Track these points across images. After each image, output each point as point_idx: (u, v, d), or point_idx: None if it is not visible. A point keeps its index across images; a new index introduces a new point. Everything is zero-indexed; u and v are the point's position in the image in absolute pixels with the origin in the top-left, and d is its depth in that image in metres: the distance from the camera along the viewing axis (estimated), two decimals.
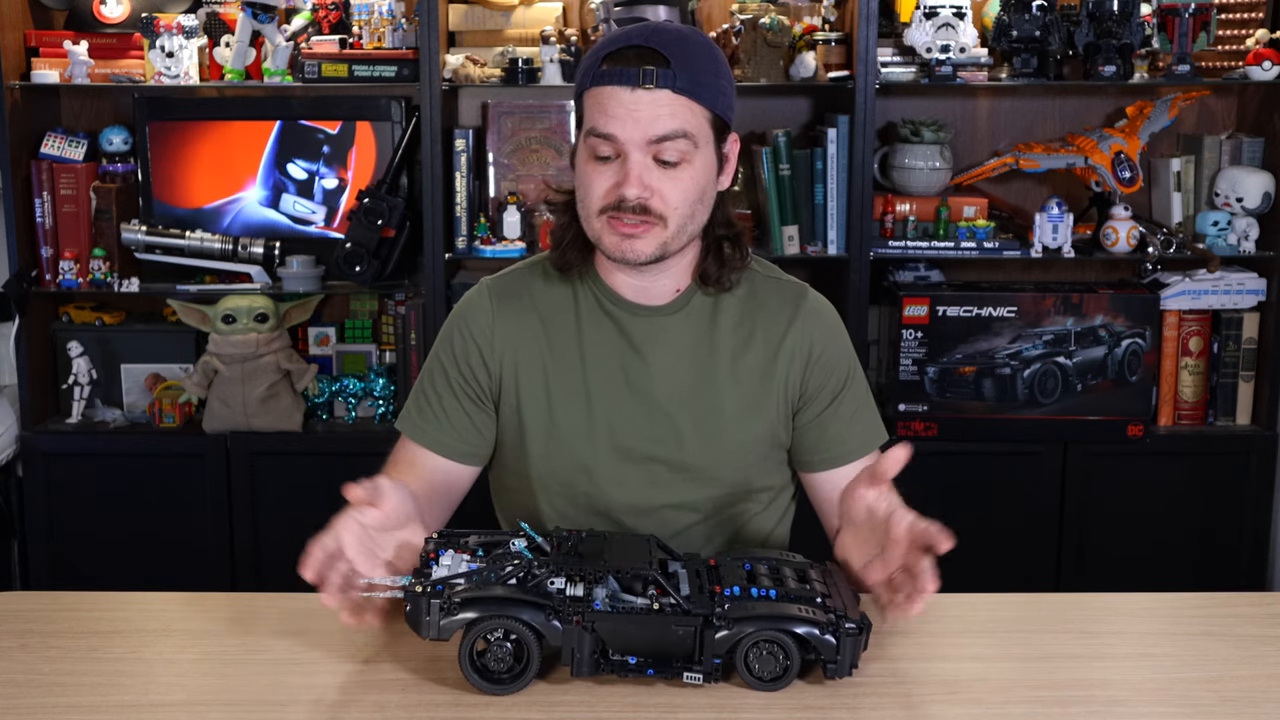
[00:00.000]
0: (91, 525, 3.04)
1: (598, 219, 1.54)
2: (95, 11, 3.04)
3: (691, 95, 1.51)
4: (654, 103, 1.49)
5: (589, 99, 1.53)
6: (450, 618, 1.23)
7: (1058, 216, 2.95)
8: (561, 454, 1.63)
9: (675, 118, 1.50)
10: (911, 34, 2.87)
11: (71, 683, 1.27)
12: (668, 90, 1.50)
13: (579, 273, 1.65)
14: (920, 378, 2.95)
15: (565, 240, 1.64)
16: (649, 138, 1.50)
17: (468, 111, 3.18)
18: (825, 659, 1.24)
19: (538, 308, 1.66)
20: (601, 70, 1.52)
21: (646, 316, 1.64)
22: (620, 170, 1.51)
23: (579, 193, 1.57)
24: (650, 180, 1.51)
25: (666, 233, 1.54)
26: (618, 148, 1.51)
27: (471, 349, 1.66)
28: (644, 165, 1.51)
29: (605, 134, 1.51)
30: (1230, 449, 3.04)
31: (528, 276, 1.70)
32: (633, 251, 1.53)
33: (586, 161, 1.54)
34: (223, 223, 3.12)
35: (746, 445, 1.64)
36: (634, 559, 1.28)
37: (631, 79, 1.49)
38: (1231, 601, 1.49)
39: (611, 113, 1.50)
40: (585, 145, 1.54)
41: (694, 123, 1.52)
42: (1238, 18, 3.03)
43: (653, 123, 1.50)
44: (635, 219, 1.52)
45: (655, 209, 1.52)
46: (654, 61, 1.50)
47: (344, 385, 3.08)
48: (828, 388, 1.66)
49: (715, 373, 1.63)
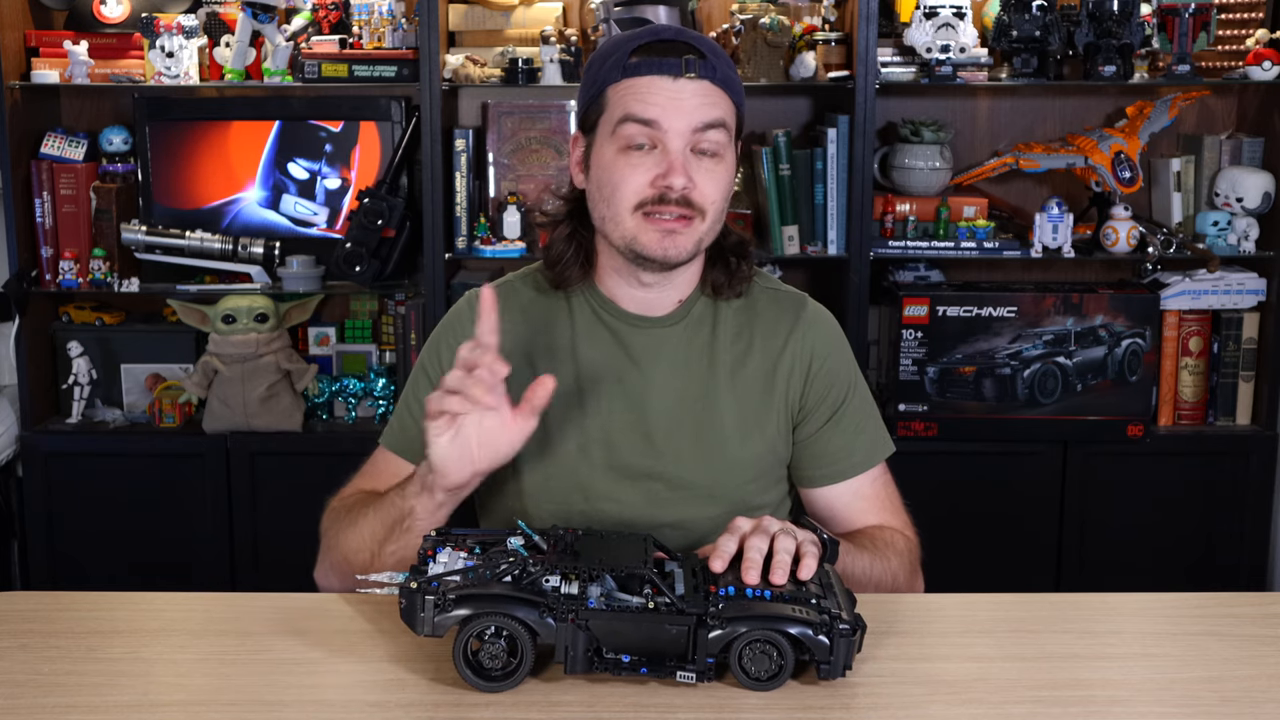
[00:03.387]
0: (91, 525, 3.04)
1: (631, 216, 1.50)
2: (95, 11, 3.04)
3: (726, 89, 1.51)
4: (697, 91, 1.48)
5: (620, 91, 1.50)
6: (444, 614, 1.23)
7: (1058, 216, 2.95)
8: (555, 472, 1.59)
9: (716, 107, 1.49)
10: (911, 34, 2.87)
11: (71, 683, 1.27)
12: (708, 81, 1.49)
13: (575, 285, 1.61)
14: (920, 378, 2.95)
15: (566, 255, 1.59)
16: (694, 125, 1.48)
17: (468, 111, 3.18)
18: (819, 660, 1.24)
19: (530, 320, 1.62)
20: (634, 62, 1.49)
21: (645, 328, 1.60)
22: (661, 161, 1.48)
23: (603, 191, 1.52)
24: (691, 171, 1.49)
25: (703, 228, 1.51)
26: (658, 137, 1.48)
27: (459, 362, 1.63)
28: (686, 155, 1.48)
29: (646, 119, 1.47)
30: (1230, 449, 3.04)
31: (519, 287, 1.65)
32: (675, 249, 1.50)
33: (617, 155, 1.50)
34: (222, 223, 3.12)
35: (747, 461, 1.60)
36: (630, 558, 1.28)
37: (674, 68, 1.48)
38: (1231, 601, 1.49)
39: (653, 100, 1.48)
40: (614, 137, 1.50)
41: (729, 114, 1.51)
42: (1238, 18, 3.03)
43: (696, 110, 1.48)
44: (677, 212, 1.48)
45: (696, 202, 1.49)
46: (693, 52, 1.49)
47: (344, 385, 3.08)
48: (828, 400, 1.63)
49: (714, 386, 1.60)
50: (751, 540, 1.30)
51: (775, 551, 1.29)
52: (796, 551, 1.31)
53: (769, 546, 1.30)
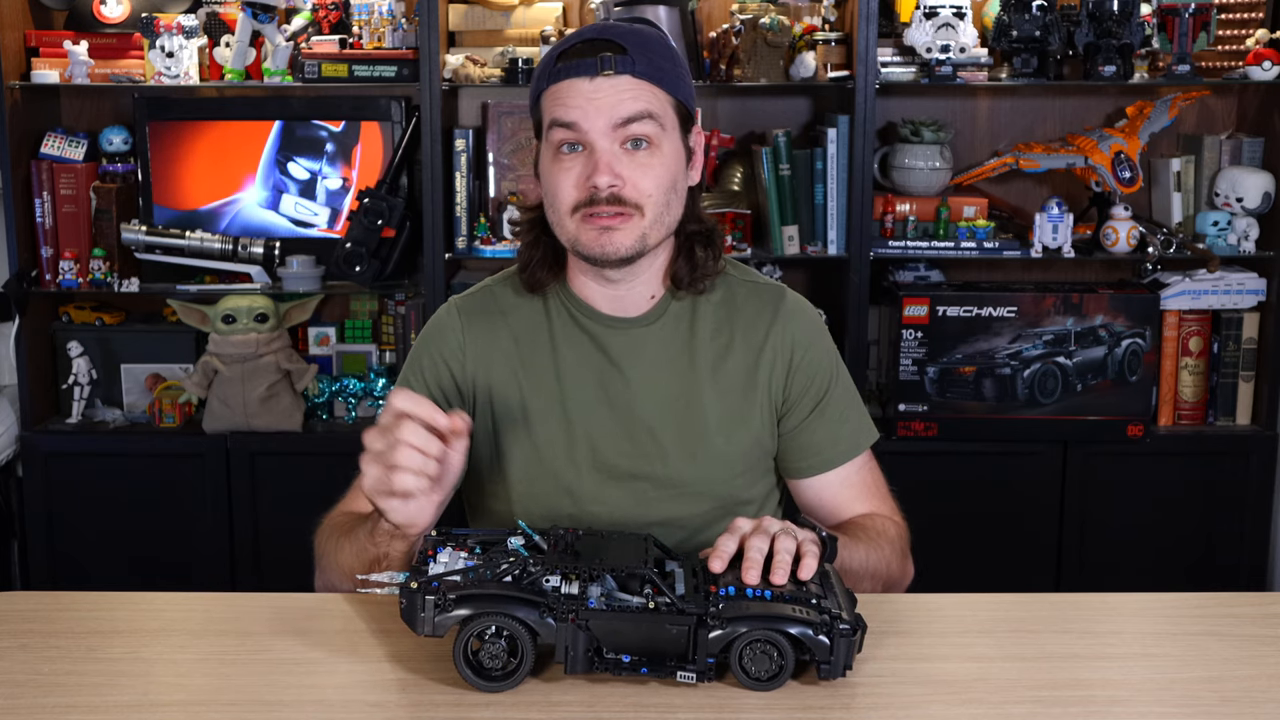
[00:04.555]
0: (91, 525, 3.04)
1: (570, 219, 1.51)
2: (95, 11, 3.04)
3: (652, 80, 1.50)
4: (615, 88, 1.48)
5: (547, 99, 1.51)
6: (444, 614, 1.23)
7: (1058, 216, 2.95)
8: (542, 476, 1.59)
9: (638, 100, 1.49)
10: (911, 34, 2.87)
11: (71, 683, 1.27)
12: (628, 75, 1.49)
13: (551, 288, 1.62)
14: (920, 378, 2.95)
15: (534, 260, 1.60)
16: (614, 122, 1.48)
17: (468, 111, 3.18)
18: (819, 660, 1.24)
19: (510, 325, 1.62)
20: (558, 67, 1.50)
21: (623, 329, 1.60)
22: (588, 162, 1.49)
23: (547, 198, 1.54)
24: (620, 168, 1.48)
25: (644, 222, 1.50)
26: (582, 138, 1.48)
27: (443, 371, 1.61)
28: (612, 153, 1.48)
29: (567, 122, 1.48)
30: (1230, 449, 3.04)
31: (497, 292, 1.66)
32: (612, 246, 1.50)
33: (551, 161, 1.51)
34: (223, 223, 3.12)
35: (733, 456, 1.61)
36: (630, 558, 1.28)
37: (589, 69, 1.48)
38: (1231, 601, 1.49)
39: (572, 103, 1.48)
40: (548, 144, 1.52)
41: (657, 106, 1.50)
42: (1238, 18, 3.03)
43: (615, 107, 1.48)
44: (610, 210, 1.48)
45: (629, 198, 1.49)
46: (610, 50, 1.49)
47: (344, 385, 3.08)
48: (812, 391, 1.63)
49: (697, 383, 1.60)
50: (752, 540, 1.30)
51: (776, 551, 1.29)
52: (797, 551, 1.31)
53: (769, 547, 1.30)
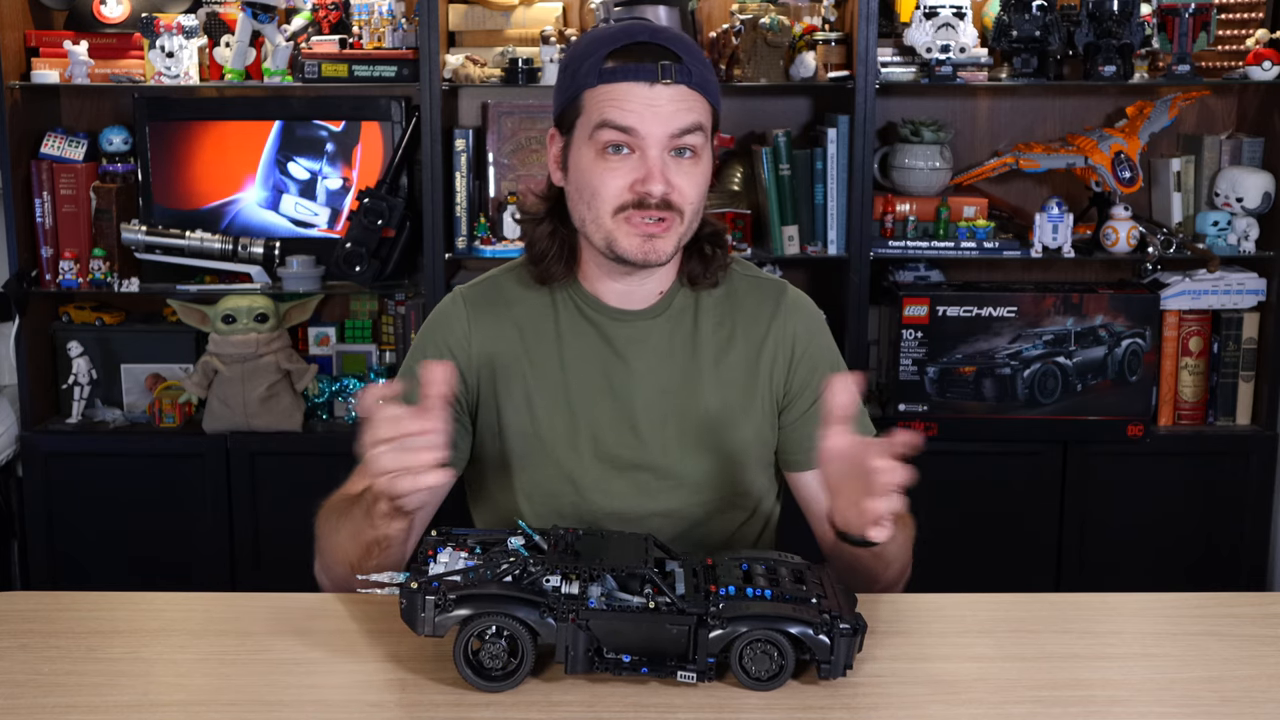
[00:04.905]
0: (91, 525, 3.04)
1: (612, 219, 1.51)
2: (95, 11, 3.04)
3: (702, 90, 1.52)
4: (672, 98, 1.49)
5: (597, 96, 1.50)
6: (445, 614, 1.23)
7: (1058, 216, 2.95)
8: (546, 465, 1.61)
9: (692, 111, 1.50)
10: (911, 34, 2.87)
11: (71, 683, 1.27)
12: (684, 85, 1.50)
13: (559, 281, 1.62)
14: (920, 378, 2.95)
15: (550, 252, 1.60)
16: (671, 132, 1.49)
17: (468, 111, 3.18)
18: (819, 659, 1.24)
19: (515, 316, 1.63)
20: (610, 67, 1.50)
21: (629, 321, 1.61)
22: (640, 166, 1.49)
23: (583, 194, 1.54)
24: (670, 175, 1.50)
25: (683, 228, 1.53)
26: (637, 143, 1.49)
27: (447, 360, 1.60)
28: (664, 161, 1.50)
29: (624, 126, 1.48)
30: (1230, 449, 3.04)
31: (503, 284, 1.66)
32: (655, 253, 1.52)
33: (595, 159, 1.51)
34: (223, 223, 3.12)
35: (734, 448, 1.62)
36: (631, 557, 1.29)
37: (649, 75, 1.49)
38: (1231, 601, 1.49)
39: (629, 108, 1.48)
40: (591, 141, 1.51)
41: (704, 116, 1.53)
42: (1238, 18, 3.03)
43: (673, 117, 1.49)
44: (656, 215, 1.50)
45: (676, 204, 1.51)
46: (668, 57, 1.49)
47: (344, 385, 3.08)
48: (813, 384, 1.64)
49: (699, 376, 1.61)
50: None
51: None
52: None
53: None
